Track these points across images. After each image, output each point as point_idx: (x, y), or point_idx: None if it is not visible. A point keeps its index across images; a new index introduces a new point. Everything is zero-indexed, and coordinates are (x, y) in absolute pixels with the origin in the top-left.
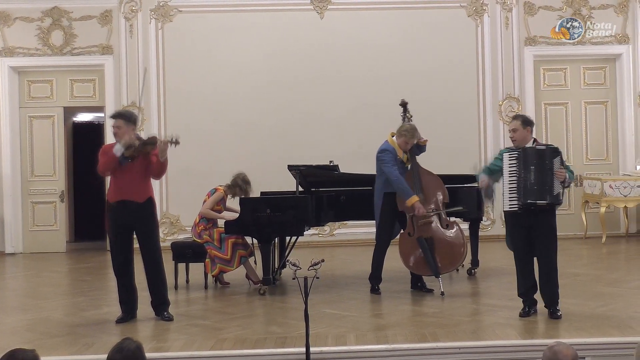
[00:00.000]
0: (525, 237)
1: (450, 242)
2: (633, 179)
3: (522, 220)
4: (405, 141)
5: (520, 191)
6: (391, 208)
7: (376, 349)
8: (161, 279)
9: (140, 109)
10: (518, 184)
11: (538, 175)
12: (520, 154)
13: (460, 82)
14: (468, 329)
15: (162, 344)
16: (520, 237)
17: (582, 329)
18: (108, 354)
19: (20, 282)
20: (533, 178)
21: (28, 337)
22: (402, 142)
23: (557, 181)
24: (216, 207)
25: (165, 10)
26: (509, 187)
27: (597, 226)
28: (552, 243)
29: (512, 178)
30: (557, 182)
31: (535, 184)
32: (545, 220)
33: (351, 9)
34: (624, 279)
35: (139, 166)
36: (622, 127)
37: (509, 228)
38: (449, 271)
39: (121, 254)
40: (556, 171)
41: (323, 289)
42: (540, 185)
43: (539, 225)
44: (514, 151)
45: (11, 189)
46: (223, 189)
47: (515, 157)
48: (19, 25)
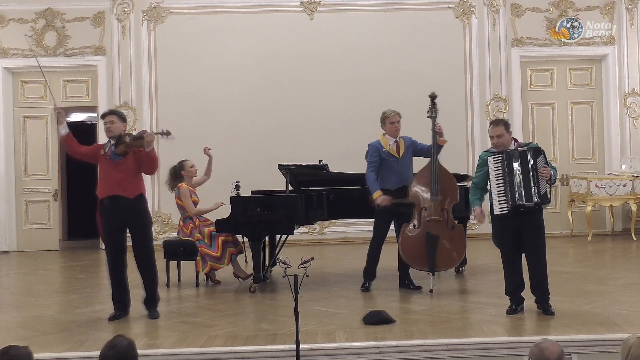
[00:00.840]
0: (513, 237)
1: (452, 244)
2: (618, 178)
3: (510, 221)
4: (385, 126)
5: (508, 194)
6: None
7: (365, 345)
8: (153, 276)
9: (132, 109)
10: (505, 187)
11: (523, 175)
12: (503, 157)
13: (448, 83)
14: (456, 326)
15: (154, 340)
16: (508, 237)
17: (568, 326)
18: (101, 351)
19: (14, 280)
20: (519, 180)
21: (22, 334)
22: (386, 128)
23: (543, 180)
24: (193, 199)
25: (157, 12)
26: (497, 190)
27: (583, 224)
28: (541, 241)
29: (499, 181)
30: (542, 181)
31: (521, 185)
32: (533, 220)
33: (341, 11)
34: (610, 277)
35: (130, 162)
36: (608, 127)
37: (496, 228)
38: (444, 270)
39: (114, 251)
40: (540, 170)
41: (313, 287)
42: (527, 187)
43: (527, 225)
44: (497, 154)
45: (5, 188)
46: (183, 183)
47: (499, 160)
48: (13, 27)
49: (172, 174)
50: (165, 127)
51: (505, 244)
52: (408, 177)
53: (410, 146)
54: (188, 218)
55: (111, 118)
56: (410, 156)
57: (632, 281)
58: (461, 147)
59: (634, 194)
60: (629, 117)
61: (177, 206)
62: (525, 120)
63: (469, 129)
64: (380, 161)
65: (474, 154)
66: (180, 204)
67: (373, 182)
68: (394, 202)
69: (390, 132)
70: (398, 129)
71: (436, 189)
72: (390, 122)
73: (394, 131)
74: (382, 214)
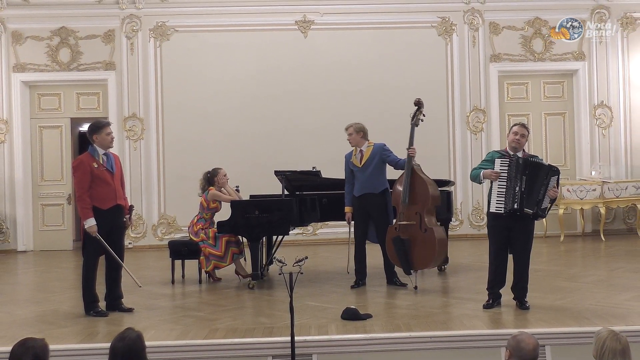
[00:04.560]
0: (503, 238)
1: (424, 246)
2: (588, 184)
3: (503, 222)
4: (350, 139)
5: (509, 197)
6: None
7: (355, 337)
8: (121, 276)
9: (140, 120)
10: (507, 189)
11: (529, 185)
12: (512, 162)
13: (432, 95)
14: (439, 320)
15: (160, 333)
16: (499, 237)
17: (542, 319)
18: (111, 342)
19: (31, 277)
20: (523, 187)
21: (38, 327)
22: (350, 140)
23: (548, 197)
24: (212, 205)
25: (163, 30)
26: (497, 190)
27: (556, 226)
28: (529, 246)
29: (502, 183)
30: (547, 198)
31: (524, 192)
32: (526, 227)
33: (332, 29)
34: (581, 274)
35: (118, 177)
36: (579, 137)
37: (489, 226)
38: (422, 269)
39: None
40: (550, 189)
41: (307, 284)
42: (529, 195)
43: (519, 230)
44: (506, 157)
45: (23, 192)
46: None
47: (507, 164)
48: (30, 44)
49: (206, 179)
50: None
51: (494, 243)
52: (373, 184)
53: (377, 154)
54: (202, 219)
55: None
56: (378, 163)
57: (600, 278)
58: (443, 155)
59: (602, 198)
60: (598, 127)
61: (199, 205)
62: (503, 131)
63: (451, 138)
64: (351, 170)
65: (454, 161)
66: (203, 204)
67: (345, 194)
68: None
69: (352, 142)
70: (351, 142)
71: (405, 196)
72: (350, 136)
73: (354, 142)
74: (356, 219)
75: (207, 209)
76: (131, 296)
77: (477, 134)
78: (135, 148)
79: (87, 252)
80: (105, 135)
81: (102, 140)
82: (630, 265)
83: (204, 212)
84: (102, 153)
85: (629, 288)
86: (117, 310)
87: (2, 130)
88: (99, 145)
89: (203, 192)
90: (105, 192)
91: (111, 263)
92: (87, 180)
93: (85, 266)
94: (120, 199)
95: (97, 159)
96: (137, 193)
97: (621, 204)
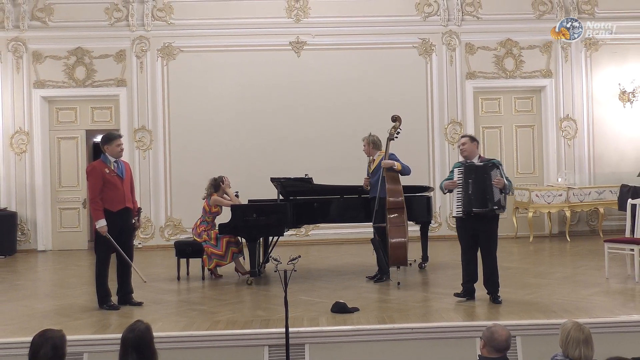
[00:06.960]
0: (470, 238)
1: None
2: (555, 189)
3: (467, 224)
4: (364, 149)
5: (464, 200)
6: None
7: (343, 329)
8: (131, 273)
9: (149, 131)
10: (462, 194)
11: (477, 186)
12: (463, 169)
13: (413, 110)
14: (419, 313)
15: (167, 324)
16: (466, 238)
17: (514, 312)
18: (122, 333)
19: (50, 275)
20: (471, 189)
21: (56, 320)
22: (364, 150)
23: (497, 189)
24: (213, 209)
25: (170, 50)
26: (456, 196)
27: (525, 228)
28: (493, 244)
29: (458, 189)
30: (496, 190)
31: (473, 194)
32: (489, 227)
33: (323, 50)
34: (548, 272)
35: (127, 182)
36: (546, 147)
37: (456, 227)
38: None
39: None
40: (494, 180)
41: (300, 280)
42: (480, 195)
43: (482, 230)
44: (461, 166)
45: (42, 197)
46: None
47: (461, 172)
48: (49, 63)
49: (213, 185)
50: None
51: (462, 242)
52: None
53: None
54: (204, 221)
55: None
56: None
57: (566, 275)
58: (423, 163)
59: (568, 202)
60: (564, 138)
61: (202, 209)
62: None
63: (430, 148)
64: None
65: (434, 168)
66: (206, 209)
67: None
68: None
69: (366, 152)
70: (365, 151)
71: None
72: (365, 147)
73: (367, 152)
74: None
75: (209, 212)
76: (141, 291)
77: (454, 145)
78: (144, 157)
79: (98, 251)
80: (115, 146)
81: (113, 150)
82: (593, 263)
83: (207, 215)
84: (114, 160)
85: (592, 284)
86: (127, 304)
87: (23, 141)
88: (110, 154)
89: (208, 196)
90: (115, 196)
91: (121, 261)
92: (99, 185)
93: (98, 264)
94: (128, 202)
95: (109, 165)
96: (146, 198)
97: (585, 208)
